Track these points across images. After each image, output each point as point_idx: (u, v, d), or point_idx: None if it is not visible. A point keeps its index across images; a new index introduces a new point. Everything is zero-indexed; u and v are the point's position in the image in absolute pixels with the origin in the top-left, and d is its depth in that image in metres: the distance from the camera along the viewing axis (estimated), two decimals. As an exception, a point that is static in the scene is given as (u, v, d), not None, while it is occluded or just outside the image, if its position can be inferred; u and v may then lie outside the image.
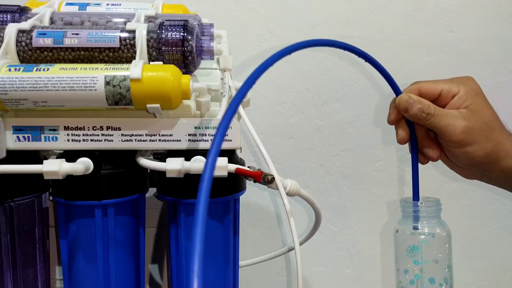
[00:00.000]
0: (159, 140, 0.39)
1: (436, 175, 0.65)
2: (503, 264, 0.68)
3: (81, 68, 0.36)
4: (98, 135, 0.39)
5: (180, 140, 0.40)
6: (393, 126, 0.46)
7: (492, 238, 0.67)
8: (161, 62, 0.38)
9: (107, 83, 0.35)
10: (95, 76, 0.35)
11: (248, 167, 0.41)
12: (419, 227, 0.45)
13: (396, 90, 0.44)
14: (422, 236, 0.45)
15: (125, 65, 0.36)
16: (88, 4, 0.46)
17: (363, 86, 0.63)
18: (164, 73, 0.36)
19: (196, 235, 0.19)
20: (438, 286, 0.45)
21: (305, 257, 0.64)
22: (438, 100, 0.43)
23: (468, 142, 0.40)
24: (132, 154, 0.42)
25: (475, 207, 0.66)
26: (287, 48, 0.32)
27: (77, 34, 0.38)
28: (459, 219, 0.66)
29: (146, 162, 0.40)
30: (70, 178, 0.37)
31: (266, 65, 0.30)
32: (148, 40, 0.38)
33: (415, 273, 0.45)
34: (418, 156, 0.46)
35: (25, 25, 0.38)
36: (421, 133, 0.44)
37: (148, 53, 0.38)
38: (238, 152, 0.45)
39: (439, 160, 0.46)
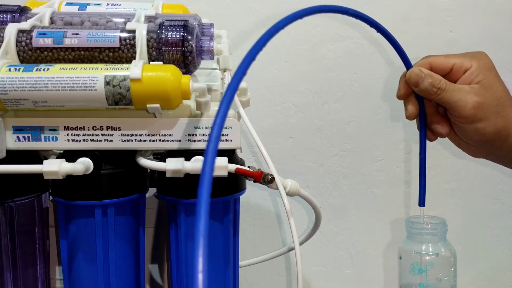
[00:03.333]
0: (159, 140, 0.39)
1: (436, 175, 0.65)
2: (503, 264, 0.68)
3: (81, 68, 0.36)
4: (98, 135, 0.39)
5: (180, 140, 0.40)
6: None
7: (492, 238, 0.67)
8: (161, 62, 0.38)
9: (107, 83, 0.35)
10: (95, 76, 0.35)
11: (248, 167, 0.41)
12: (424, 249, 0.45)
13: (407, 64, 0.42)
14: (427, 258, 0.44)
15: (125, 65, 0.36)
16: (88, 4, 0.46)
17: (363, 86, 0.63)
18: (164, 73, 0.36)
19: (198, 230, 0.19)
20: None
21: (305, 257, 0.64)
22: (450, 74, 0.41)
23: (479, 118, 0.39)
24: (132, 154, 0.42)
25: (475, 207, 0.66)
26: (298, 13, 0.32)
27: (77, 34, 0.38)
28: (459, 219, 0.66)
29: (146, 162, 0.40)
30: (70, 178, 0.37)
31: (274, 29, 0.30)
32: (148, 40, 0.38)
33: None
34: (426, 132, 0.44)
35: (25, 25, 0.38)
36: (431, 109, 0.43)
37: (148, 53, 0.38)
38: (238, 152, 0.45)
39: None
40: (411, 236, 0.46)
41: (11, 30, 0.37)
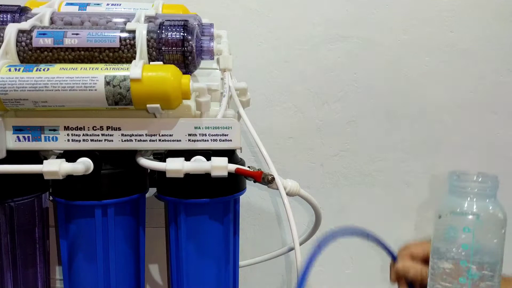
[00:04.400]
0: (159, 140, 0.39)
1: (436, 175, 0.65)
2: (503, 264, 0.68)
3: (81, 68, 0.36)
4: (98, 135, 0.39)
5: (180, 140, 0.39)
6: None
7: (492, 238, 0.67)
8: (161, 62, 0.38)
9: (107, 83, 0.35)
10: (95, 76, 0.35)
11: (248, 167, 0.41)
12: (471, 205, 0.38)
13: (393, 256, 0.46)
14: (474, 216, 0.38)
15: (125, 65, 0.36)
16: (88, 4, 0.46)
17: (363, 86, 0.63)
18: (164, 73, 0.36)
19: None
20: (488, 277, 0.38)
21: (305, 257, 0.64)
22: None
23: None
24: (132, 154, 0.42)
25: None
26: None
27: (77, 34, 0.38)
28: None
29: (146, 162, 0.40)
30: (70, 178, 0.37)
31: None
32: (148, 40, 0.38)
33: (461, 259, 0.38)
34: None
35: (25, 25, 0.38)
36: None
37: (148, 53, 0.38)
38: (238, 152, 0.45)
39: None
40: (455, 191, 0.39)
41: (11, 30, 0.37)
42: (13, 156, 0.38)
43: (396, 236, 0.67)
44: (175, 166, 0.38)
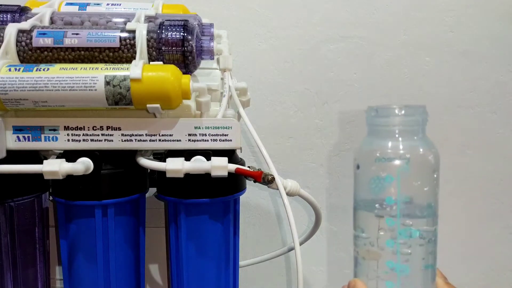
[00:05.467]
0: (159, 140, 0.39)
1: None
2: (503, 264, 0.68)
3: (81, 68, 0.36)
4: (98, 135, 0.39)
5: (180, 140, 0.40)
6: None
7: (492, 238, 0.67)
8: (161, 62, 0.38)
9: (107, 83, 0.35)
10: (95, 76, 0.35)
11: (248, 167, 0.41)
12: (394, 147, 0.29)
13: None
14: (399, 162, 0.29)
15: (125, 65, 0.36)
16: (88, 4, 0.46)
17: (363, 86, 0.63)
18: (164, 73, 0.36)
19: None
20: (418, 239, 0.29)
21: (305, 257, 0.64)
22: None
23: None
24: (132, 154, 0.42)
25: (475, 207, 0.66)
26: None
27: (77, 34, 0.38)
28: (459, 219, 0.66)
29: (146, 162, 0.40)
30: (70, 178, 0.37)
31: None
32: (148, 40, 0.38)
33: (387, 217, 0.29)
34: None
35: (25, 25, 0.38)
36: None
37: (148, 53, 0.38)
38: (238, 152, 0.45)
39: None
40: (374, 131, 0.31)
41: (11, 30, 0.37)
42: (13, 156, 0.38)
43: (396, 236, 0.67)
44: (175, 166, 0.38)
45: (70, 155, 0.39)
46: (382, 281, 0.30)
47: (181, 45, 0.38)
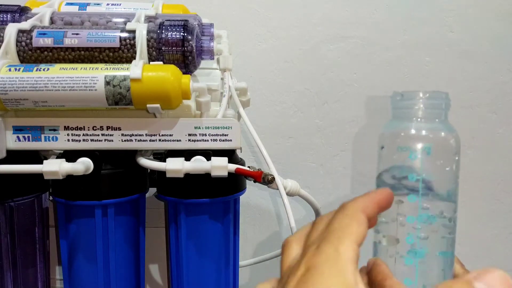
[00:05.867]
0: (159, 140, 0.39)
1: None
2: (503, 264, 0.68)
3: (81, 68, 0.36)
4: (98, 135, 0.39)
5: (180, 140, 0.39)
6: None
7: (492, 238, 0.67)
8: (161, 62, 0.38)
9: (107, 83, 0.35)
10: (95, 76, 0.35)
11: (248, 167, 0.41)
12: (418, 129, 0.31)
13: None
14: (422, 141, 0.31)
15: (125, 65, 0.36)
16: (88, 4, 0.46)
17: (363, 86, 0.63)
18: (164, 73, 0.36)
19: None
20: (439, 220, 0.30)
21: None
22: None
23: None
24: (132, 154, 0.42)
25: (475, 207, 0.66)
26: None
27: (77, 34, 0.38)
28: (459, 219, 0.66)
29: (146, 162, 0.40)
30: (70, 178, 0.37)
31: None
32: (148, 40, 0.38)
33: (409, 194, 0.30)
34: None
35: (25, 25, 0.38)
36: None
37: (148, 53, 0.38)
38: (238, 152, 0.45)
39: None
40: (399, 115, 0.32)
41: (11, 30, 0.37)
42: (13, 156, 0.38)
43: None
44: (175, 166, 0.38)
45: (70, 155, 0.39)
46: (401, 258, 0.31)
47: (181, 45, 0.38)
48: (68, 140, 0.39)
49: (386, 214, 0.31)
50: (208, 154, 0.39)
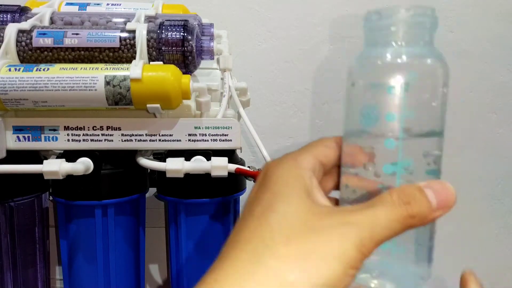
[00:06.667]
0: (159, 140, 0.39)
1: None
2: (503, 264, 0.68)
3: (81, 68, 0.36)
4: (98, 135, 0.39)
5: (180, 140, 0.39)
6: None
7: (492, 238, 0.67)
8: (161, 62, 0.38)
9: (107, 83, 0.35)
10: (95, 76, 0.35)
11: (248, 167, 0.41)
12: (399, 53, 0.24)
13: None
14: (403, 70, 0.24)
15: (125, 65, 0.36)
16: (88, 4, 0.46)
17: (363, 86, 0.63)
18: (164, 73, 0.36)
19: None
20: (422, 161, 0.24)
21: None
22: None
23: None
24: (132, 154, 0.42)
25: (475, 207, 0.66)
26: None
27: (77, 34, 0.38)
28: (459, 219, 0.66)
29: (146, 162, 0.40)
30: (70, 178, 0.37)
31: None
32: (148, 40, 0.38)
33: (386, 138, 0.24)
34: None
35: (25, 25, 0.38)
36: None
37: (148, 53, 0.38)
38: (238, 152, 0.45)
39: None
40: (374, 39, 0.26)
41: (11, 30, 0.37)
42: (13, 156, 0.38)
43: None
44: (175, 166, 0.38)
45: (70, 155, 0.39)
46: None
47: (181, 45, 0.38)
48: (68, 140, 0.39)
49: (356, 163, 0.25)
50: (208, 154, 0.39)
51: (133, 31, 0.38)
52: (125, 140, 0.39)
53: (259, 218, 0.22)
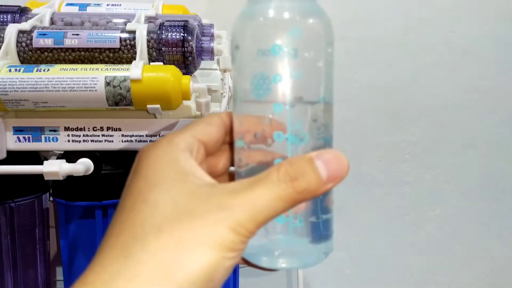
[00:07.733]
0: (160, 140, 0.39)
1: (436, 175, 0.65)
2: (503, 264, 0.68)
3: (81, 69, 0.36)
4: (98, 135, 0.39)
5: (180, 141, 0.39)
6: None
7: (492, 238, 0.67)
8: (161, 63, 0.38)
9: (108, 84, 0.35)
10: (95, 76, 0.35)
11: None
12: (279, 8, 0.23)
13: None
14: (287, 27, 0.23)
15: (125, 66, 0.36)
16: (88, 5, 0.46)
17: (363, 86, 0.63)
18: (164, 74, 0.36)
19: None
20: (313, 124, 0.24)
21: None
22: None
23: None
24: (133, 155, 0.42)
25: (475, 207, 0.67)
26: None
27: (77, 34, 0.38)
28: (459, 219, 0.66)
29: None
30: (70, 179, 0.37)
31: None
32: (148, 41, 0.38)
33: (274, 103, 0.23)
34: None
35: (25, 25, 0.38)
36: None
37: (148, 53, 0.38)
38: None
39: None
40: None
41: (11, 30, 0.37)
42: (14, 157, 0.38)
43: (396, 235, 0.67)
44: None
45: (71, 156, 0.39)
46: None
47: (181, 46, 0.38)
48: (69, 140, 0.39)
49: (246, 134, 0.24)
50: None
51: (133, 32, 0.38)
52: (125, 141, 0.39)
53: (131, 210, 0.21)
